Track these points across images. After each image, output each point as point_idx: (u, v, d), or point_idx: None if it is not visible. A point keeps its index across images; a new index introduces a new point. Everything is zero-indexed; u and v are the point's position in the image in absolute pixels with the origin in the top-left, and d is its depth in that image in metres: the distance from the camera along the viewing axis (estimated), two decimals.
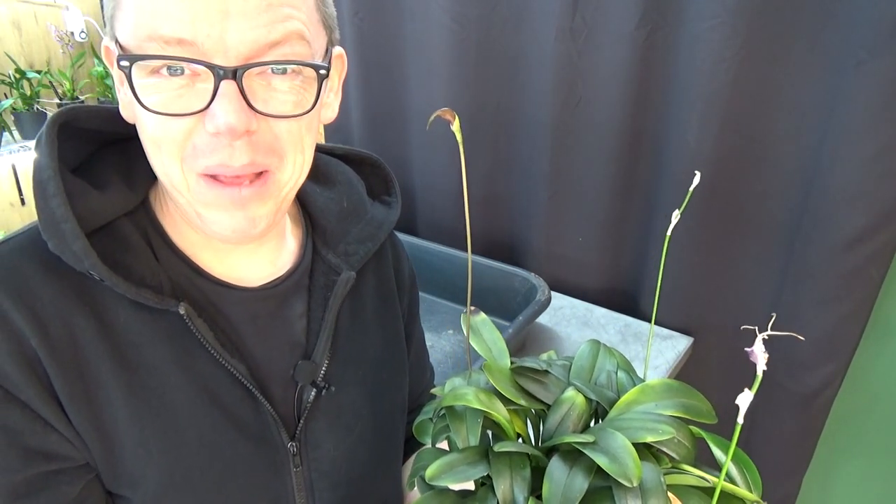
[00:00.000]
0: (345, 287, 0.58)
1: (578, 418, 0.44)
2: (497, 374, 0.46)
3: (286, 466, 0.55)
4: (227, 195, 0.46)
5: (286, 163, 0.47)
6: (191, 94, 0.43)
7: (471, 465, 0.41)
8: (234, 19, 0.41)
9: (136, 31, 0.42)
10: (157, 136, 0.44)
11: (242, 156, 0.44)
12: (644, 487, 0.37)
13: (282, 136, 0.46)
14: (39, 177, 0.46)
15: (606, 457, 0.37)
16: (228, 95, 0.42)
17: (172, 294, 0.50)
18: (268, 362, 0.55)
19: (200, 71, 0.42)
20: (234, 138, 0.43)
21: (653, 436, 0.39)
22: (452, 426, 0.44)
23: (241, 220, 0.47)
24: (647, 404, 0.43)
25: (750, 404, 0.31)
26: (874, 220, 0.92)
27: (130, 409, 0.48)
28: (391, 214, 0.65)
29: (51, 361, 0.46)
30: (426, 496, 0.43)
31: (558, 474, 0.39)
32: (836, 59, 0.90)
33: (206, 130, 0.43)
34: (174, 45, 0.41)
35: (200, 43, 0.41)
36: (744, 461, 0.43)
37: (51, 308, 0.46)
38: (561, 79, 1.14)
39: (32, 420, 0.46)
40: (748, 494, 0.41)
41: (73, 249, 0.45)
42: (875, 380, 1.11)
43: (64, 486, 0.48)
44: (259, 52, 0.43)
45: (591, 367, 0.50)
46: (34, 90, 1.46)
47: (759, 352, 0.30)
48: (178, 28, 0.40)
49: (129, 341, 0.49)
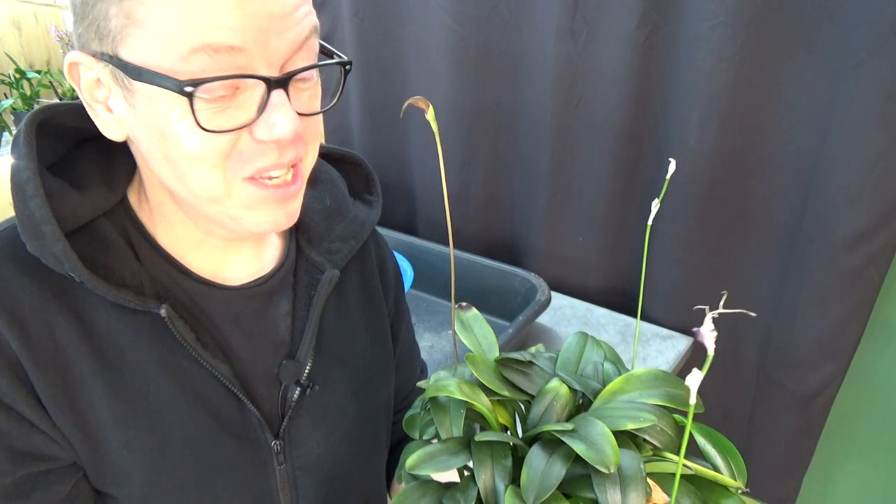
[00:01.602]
0: (329, 285, 0.58)
1: (562, 408, 0.44)
2: (481, 365, 0.46)
3: (270, 464, 0.55)
4: (279, 195, 0.47)
5: (310, 151, 0.50)
6: (233, 106, 0.42)
7: (452, 455, 0.42)
8: (276, 21, 0.41)
9: (176, 44, 0.39)
10: (199, 151, 0.43)
11: (290, 153, 0.46)
12: (623, 474, 0.37)
13: (310, 128, 0.48)
14: (18, 178, 0.45)
15: (584, 444, 0.37)
16: (282, 105, 0.43)
17: (154, 294, 0.49)
18: (252, 361, 0.55)
19: (251, 84, 0.42)
20: (289, 143, 0.45)
21: (633, 423, 0.39)
22: (436, 417, 0.44)
23: (282, 217, 0.49)
24: (631, 393, 0.43)
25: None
26: (874, 220, 0.92)
27: (114, 410, 0.48)
28: (373, 213, 0.65)
29: (32, 364, 0.46)
30: (410, 487, 0.43)
31: (537, 462, 0.39)
32: (836, 59, 0.90)
33: (254, 139, 0.44)
34: (224, 52, 0.40)
35: (249, 49, 0.40)
36: (728, 450, 0.43)
37: (30, 310, 0.46)
38: (561, 79, 1.14)
39: (18, 422, 0.46)
40: (730, 481, 0.40)
41: (52, 252, 0.44)
42: (875, 380, 1.11)
43: (54, 486, 0.48)
44: (294, 51, 0.43)
45: (578, 358, 0.50)
46: (34, 90, 1.46)
47: (708, 331, 0.29)
48: (230, 36, 0.40)
49: (112, 342, 0.48)
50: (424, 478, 0.44)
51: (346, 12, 1.39)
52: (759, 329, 1.13)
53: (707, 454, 0.42)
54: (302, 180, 0.50)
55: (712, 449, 0.43)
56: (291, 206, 0.49)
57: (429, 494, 0.42)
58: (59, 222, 0.45)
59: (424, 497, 0.42)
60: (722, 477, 0.40)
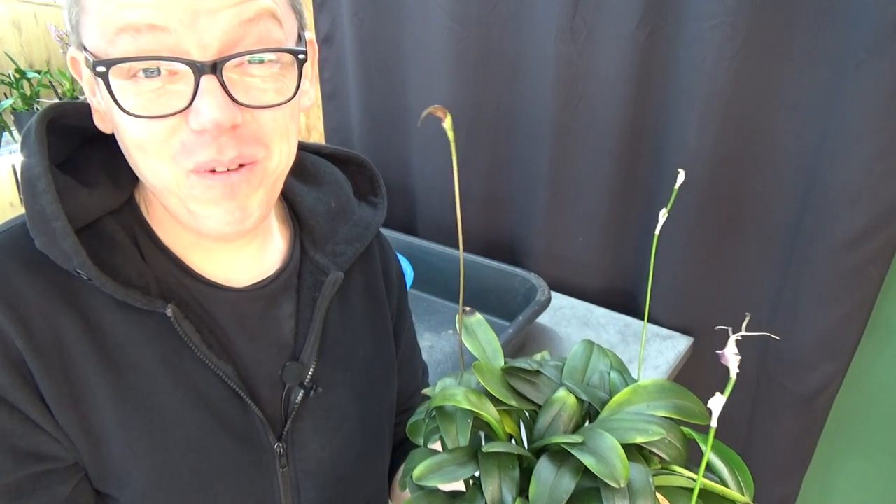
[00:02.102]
0: (333, 287, 0.57)
1: (569, 419, 0.44)
2: (487, 374, 0.45)
3: (272, 467, 0.55)
4: (219, 182, 0.45)
5: (273, 152, 0.47)
6: (170, 92, 0.42)
7: (460, 466, 0.41)
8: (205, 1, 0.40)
9: (105, 26, 0.40)
10: (141, 139, 0.43)
11: (230, 150, 0.43)
12: (632, 488, 0.37)
13: (266, 125, 0.45)
14: (29, 174, 0.45)
15: (594, 457, 0.37)
16: (210, 91, 0.41)
17: (160, 295, 0.49)
18: (256, 363, 0.55)
19: (178, 69, 0.41)
20: (220, 134, 0.43)
21: (642, 436, 0.39)
22: (442, 427, 0.44)
23: (234, 211, 0.46)
24: (638, 405, 0.43)
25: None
26: (874, 220, 0.92)
27: (117, 410, 0.48)
28: (378, 215, 0.65)
29: (36, 363, 0.45)
30: (416, 496, 0.43)
31: (546, 475, 0.39)
32: (836, 59, 0.90)
33: (190, 128, 0.43)
34: (146, 32, 0.39)
35: (173, 29, 0.40)
36: (736, 463, 0.43)
37: (35, 309, 0.46)
38: (561, 79, 1.14)
39: (21, 422, 0.46)
40: (738, 496, 0.40)
41: (62, 248, 0.44)
42: (875, 380, 1.11)
43: (56, 486, 0.48)
44: (233, 34, 0.41)
45: (584, 367, 0.50)
46: (34, 90, 1.46)
47: (731, 354, 0.28)
48: (147, 14, 0.39)
49: (116, 342, 0.48)
50: (430, 487, 0.43)
51: (346, 12, 1.39)
52: (760, 329, 1.13)
53: (714, 467, 0.42)
54: (255, 174, 0.46)
55: (720, 462, 0.42)
56: (244, 199, 0.46)
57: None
58: (68, 218, 0.45)
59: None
60: (730, 492, 0.40)
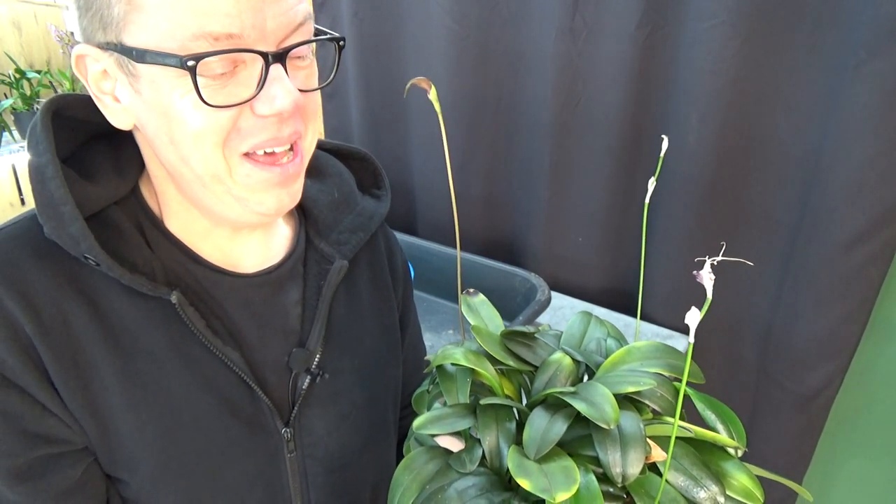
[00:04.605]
0: (338, 275, 0.59)
1: (566, 378, 0.45)
2: (486, 336, 0.47)
3: (280, 452, 0.56)
4: (280, 177, 0.48)
5: (309, 129, 0.51)
6: (233, 83, 0.44)
7: (459, 418, 0.43)
8: (269, 8, 0.43)
9: (177, 31, 0.41)
10: (202, 128, 0.45)
11: (288, 127, 0.47)
12: (623, 434, 0.38)
13: (309, 105, 0.50)
14: (37, 161, 0.46)
15: (585, 403, 0.38)
16: (280, 78, 0.45)
17: (165, 281, 0.51)
18: (262, 349, 0.56)
19: (246, 59, 0.44)
20: (289, 117, 0.46)
21: (634, 387, 0.40)
22: (443, 385, 0.46)
23: (285, 198, 0.50)
24: (632, 363, 0.44)
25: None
26: (874, 220, 0.92)
27: (126, 395, 0.49)
28: (381, 206, 0.66)
29: (45, 348, 0.46)
30: (417, 451, 0.44)
31: (539, 422, 0.40)
32: (836, 59, 0.90)
33: (255, 114, 0.45)
34: (223, 40, 0.42)
35: (246, 35, 0.43)
36: (728, 417, 0.44)
37: (44, 295, 0.47)
38: (561, 79, 1.14)
39: (31, 405, 0.47)
40: (729, 441, 0.41)
41: (70, 232, 0.45)
42: (875, 380, 1.11)
43: (66, 469, 0.49)
44: (290, 32, 0.45)
45: (582, 335, 0.51)
46: (34, 90, 1.46)
47: (706, 274, 0.32)
48: (226, 23, 0.42)
49: (124, 327, 0.49)
50: (430, 443, 0.45)
51: (346, 12, 1.39)
52: (759, 329, 1.13)
53: (707, 419, 0.44)
54: (302, 160, 0.51)
55: (711, 414, 0.44)
56: (293, 186, 0.51)
57: (435, 458, 0.43)
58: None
59: (431, 461, 0.43)
60: (720, 437, 0.42)
